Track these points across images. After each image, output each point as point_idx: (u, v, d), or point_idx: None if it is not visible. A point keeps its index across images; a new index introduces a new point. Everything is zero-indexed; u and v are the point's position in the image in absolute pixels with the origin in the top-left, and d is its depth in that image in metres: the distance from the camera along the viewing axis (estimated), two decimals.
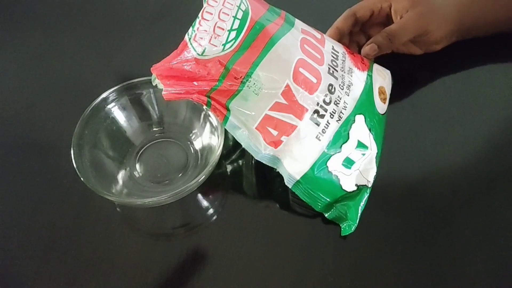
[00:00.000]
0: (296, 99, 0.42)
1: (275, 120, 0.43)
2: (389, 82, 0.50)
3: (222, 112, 0.43)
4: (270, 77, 0.42)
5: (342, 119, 0.44)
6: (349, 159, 0.44)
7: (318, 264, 0.44)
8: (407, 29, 0.51)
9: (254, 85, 0.42)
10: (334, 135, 0.43)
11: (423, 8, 0.52)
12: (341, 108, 0.44)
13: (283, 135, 0.43)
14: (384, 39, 0.51)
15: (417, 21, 0.52)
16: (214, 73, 0.41)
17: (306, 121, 0.43)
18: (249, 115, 0.43)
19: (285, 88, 0.42)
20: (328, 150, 0.43)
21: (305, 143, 0.43)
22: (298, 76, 0.43)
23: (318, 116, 0.43)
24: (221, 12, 0.42)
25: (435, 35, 0.53)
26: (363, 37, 0.56)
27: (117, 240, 0.46)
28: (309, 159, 0.43)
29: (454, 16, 0.53)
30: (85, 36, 0.63)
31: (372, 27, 0.56)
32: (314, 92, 0.43)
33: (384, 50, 0.51)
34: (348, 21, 0.53)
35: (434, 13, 0.52)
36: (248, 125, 0.43)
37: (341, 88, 0.44)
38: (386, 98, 0.49)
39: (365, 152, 0.44)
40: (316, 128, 0.43)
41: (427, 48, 0.55)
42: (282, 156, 0.44)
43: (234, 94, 0.42)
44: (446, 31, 0.53)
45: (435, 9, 0.53)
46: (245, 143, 0.44)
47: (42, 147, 0.52)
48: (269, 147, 0.44)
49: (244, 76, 0.42)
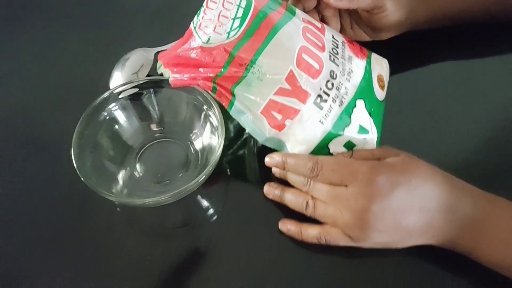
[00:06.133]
0: (300, 84, 0.43)
1: (279, 104, 0.44)
2: (387, 70, 0.51)
3: (228, 97, 0.45)
4: (274, 64, 0.43)
5: (343, 104, 0.44)
6: (351, 142, 0.45)
7: (318, 264, 0.44)
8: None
9: (258, 71, 0.43)
10: (336, 119, 0.44)
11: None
12: (343, 94, 0.45)
13: (287, 118, 0.44)
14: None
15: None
16: (219, 60, 0.43)
17: (309, 105, 0.43)
18: (254, 100, 0.44)
19: (288, 74, 0.43)
20: (330, 133, 0.44)
21: (308, 127, 0.44)
22: (301, 62, 0.43)
23: (321, 100, 0.44)
24: (225, 1, 0.44)
25: (388, 18, 0.52)
26: None
27: (117, 240, 0.46)
28: (312, 142, 0.44)
29: (409, 2, 0.53)
30: (85, 36, 0.63)
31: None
32: (317, 77, 0.44)
33: (342, 4, 0.50)
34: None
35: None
36: (253, 110, 0.44)
37: (342, 74, 0.45)
38: (385, 85, 0.49)
39: (366, 136, 0.45)
40: (319, 112, 0.44)
41: (376, 34, 0.55)
42: (286, 139, 0.45)
43: (239, 80, 0.44)
44: (399, 16, 0.53)
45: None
46: (250, 128, 0.46)
47: (42, 147, 0.52)
48: (273, 131, 0.45)
49: (249, 63, 0.43)
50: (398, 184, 0.41)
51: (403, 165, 0.42)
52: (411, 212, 0.41)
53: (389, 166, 0.42)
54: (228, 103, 0.45)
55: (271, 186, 0.47)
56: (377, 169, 0.42)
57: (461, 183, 0.43)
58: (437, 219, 0.41)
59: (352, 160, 0.44)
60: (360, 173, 0.41)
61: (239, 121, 0.46)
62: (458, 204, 0.41)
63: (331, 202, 0.43)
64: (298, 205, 0.45)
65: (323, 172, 0.43)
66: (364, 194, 0.41)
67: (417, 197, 0.41)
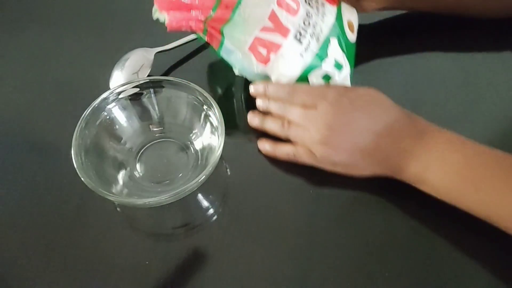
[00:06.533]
0: (281, 21, 0.49)
1: (264, 41, 0.49)
2: (356, 17, 0.55)
3: (218, 38, 0.50)
4: (257, 4, 0.48)
5: (320, 40, 0.50)
6: (327, 75, 0.51)
7: (318, 264, 0.44)
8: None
9: (244, 12, 0.48)
10: (314, 53, 0.50)
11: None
12: (319, 31, 0.51)
13: (271, 52, 0.49)
14: None
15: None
16: (208, 4, 0.48)
17: (290, 40, 0.49)
18: (241, 38, 0.49)
19: (271, 13, 0.48)
20: (310, 65, 0.50)
21: (290, 60, 0.49)
22: (281, 2, 0.49)
23: (300, 36, 0.49)
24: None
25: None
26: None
27: (117, 240, 0.46)
28: (293, 74, 0.50)
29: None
30: (85, 36, 0.63)
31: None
32: (296, 15, 0.49)
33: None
34: None
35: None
36: (241, 47, 0.50)
37: (317, 15, 0.51)
38: (354, 30, 0.55)
39: (341, 70, 0.51)
40: (299, 46, 0.49)
41: (359, 4, 0.55)
42: (271, 72, 0.51)
43: (227, 21, 0.48)
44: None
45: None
46: (240, 66, 0.52)
47: (42, 147, 0.52)
48: (260, 66, 0.50)
49: (235, 5, 0.48)
50: (359, 107, 0.47)
51: (368, 93, 0.48)
52: (365, 133, 0.45)
53: (356, 91, 0.49)
54: (218, 43, 0.50)
55: (254, 114, 0.52)
56: (344, 92, 0.48)
57: (419, 119, 0.46)
58: (385, 143, 0.45)
59: (324, 85, 0.51)
60: (329, 95, 0.47)
61: (229, 61, 0.51)
62: (407, 133, 0.45)
63: (303, 122, 0.48)
64: (276, 128, 0.50)
65: (299, 94, 0.49)
66: (329, 113, 0.46)
67: (372, 121, 0.46)
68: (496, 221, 0.41)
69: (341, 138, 0.46)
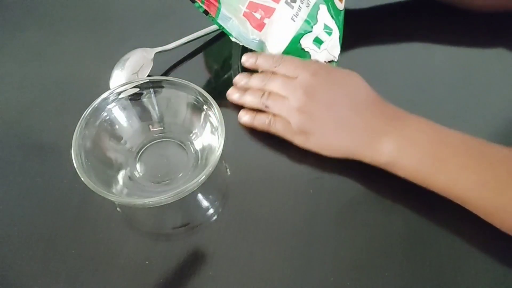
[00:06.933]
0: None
1: (258, 5, 0.53)
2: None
3: (215, 5, 0.53)
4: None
5: (310, 5, 0.54)
6: (318, 38, 0.55)
7: (318, 264, 0.44)
8: None
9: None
10: (305, 17, 0.53)
11: None
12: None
13: (265, 17, 0.53)
14: None
15: None
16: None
17: (282, 4, 0.53)
18: (237, 4, 0.53)
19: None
20: (301, 29, 0.54)
21: (283, 24, 0.53)
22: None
23: (291, 1, 0.53)
24: None
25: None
26: None
27: (117, 240, 0.46)
28: (286, 38, 0.54)
29: None
30: (85, 36, 0.63)
31: None
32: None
33: None
34: None
35: None
36: (237, 13, 0.53)
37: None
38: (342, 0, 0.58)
39: (331, 33, 0.55)
40: (290, 10, 0.53)
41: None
42: (265, 38, 0.54)
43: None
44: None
45: None
46: (236, 32, 0.54)
47: (42, 147, 0.52)
48: (255, 31, 0.54)
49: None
50: (338, 83, 0.49)
51: (349, 74, 0.50)
52: (340, 107, 0.48)
53: (338, 70, 0.51)
54: (215, 10, 0.53)
55: (233, 89, 0.54)
56: (326, 68, 0.51)
57: (392, 105, 0.48)
58: (359, 120, 0.47)
59: (310, 60, 0.55)
60: (311, 67, 0.50)
61: (226, 28, 0.54)
62: (380, 114, 0.47)
63: (283, 92, 0.49)
64: (255, 101, 0.51)
65: (284, 63, 0.51)
66: (309, 82, 0.48)
67: (349, 98, 0.48)
68: (465, 202, 0.43)
69: (318, 107, 0.48)
